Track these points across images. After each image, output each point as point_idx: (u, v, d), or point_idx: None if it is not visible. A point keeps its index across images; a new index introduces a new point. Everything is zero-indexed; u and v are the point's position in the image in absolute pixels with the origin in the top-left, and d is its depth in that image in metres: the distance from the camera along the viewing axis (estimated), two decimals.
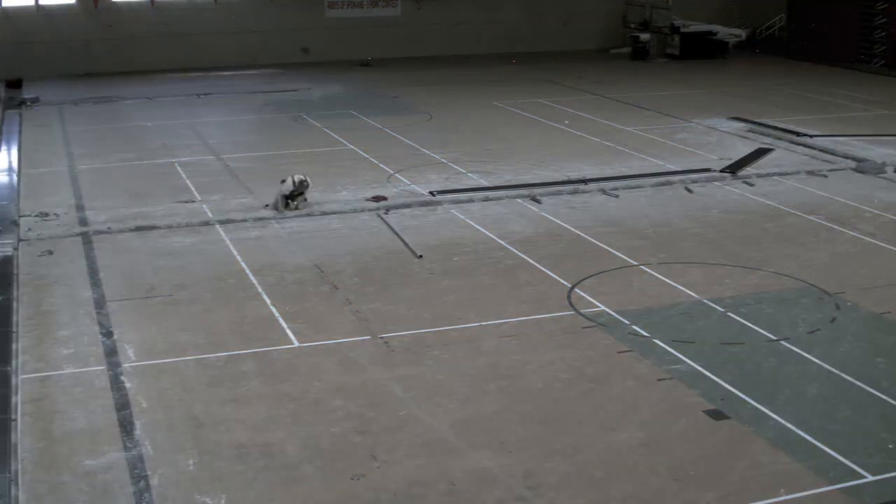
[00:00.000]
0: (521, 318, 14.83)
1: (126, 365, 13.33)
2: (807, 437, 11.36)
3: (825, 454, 10.99)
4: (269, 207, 20.14)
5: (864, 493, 10.28)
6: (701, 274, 16.65)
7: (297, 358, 13.58)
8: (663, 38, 43.78)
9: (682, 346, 13.74)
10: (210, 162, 24.61)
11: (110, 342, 14.05)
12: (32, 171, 23.77)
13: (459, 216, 19.84)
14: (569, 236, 18.65)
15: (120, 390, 12.63)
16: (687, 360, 13.31)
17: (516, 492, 10.35)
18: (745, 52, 44.44)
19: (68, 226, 19.37)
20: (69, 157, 25.31)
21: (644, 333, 14.25)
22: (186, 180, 22.81)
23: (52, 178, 23.21)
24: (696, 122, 29.20)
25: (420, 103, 32.61)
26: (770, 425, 11.62)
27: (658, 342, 13.95)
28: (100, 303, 15.52)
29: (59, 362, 13.46)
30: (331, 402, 12.29)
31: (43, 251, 17.81)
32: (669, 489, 10.41)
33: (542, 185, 21.80)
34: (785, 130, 27.37)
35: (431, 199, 20.90)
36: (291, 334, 14.30)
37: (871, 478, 10.53)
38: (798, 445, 11.19)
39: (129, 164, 24.58)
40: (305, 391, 12.60)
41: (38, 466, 10.87)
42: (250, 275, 16.70)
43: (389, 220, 19.48)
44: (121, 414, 12.02)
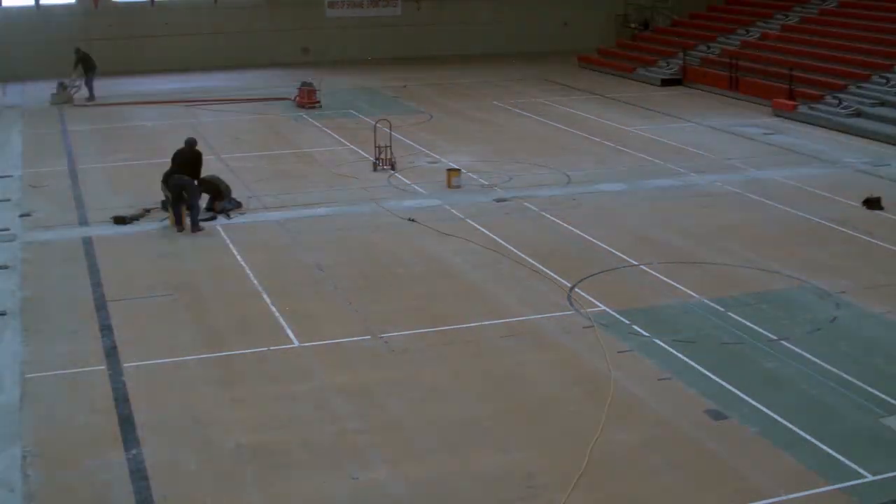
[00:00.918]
0: (521, 318, 14.82)
1: (126, 365, 13.33)
2: (807, 436, 11.36)
3: (825, 454, 10.99)
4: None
5: (864, 493, 10.28)
6: (701, 274, 16.65)
7: (297, 358, 13.58)
8: None
9: (682, 346, 13.74)
10: (210, 162, 24.53)
11: (110, 342, 14.06)
12: (32, 171, 23.77)
13: (459, 216, 19.83)
14: (569, 236, 18.64)
15: (120, 390, 12.64)
16: (687, 360, 13.32)
17: (516, 492, 10.35)
18: None
19: (68, 226, 19.38)
20: (69, 157, 25.31)
21: (644, 333, 14.24)
22: None
23: (52, 178, 23.20)
24: (697, 122, 29.21)
25: (420, 103, 32.62)
26: (770, 425, 11.62)
27: (658, 342, 13.95)
28: (100, 303, 15.53)
29: (59, 362, 13.46)
30: (331, 402, 12.30)
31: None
32: (670, 489, 10.41)
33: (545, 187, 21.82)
34: None
35: (431, 198, 20.92)
36: (291, 334, 14.30)
37: (871, 478, 10.53)
38: (798, 445, 11.18)
39: (129, 164, 24.59)
40: (305, 391, 12.59)
41: (38, 466, 10.87)
42: (250, 274, 16.70)
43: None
44: (121, 414, 12.02)
